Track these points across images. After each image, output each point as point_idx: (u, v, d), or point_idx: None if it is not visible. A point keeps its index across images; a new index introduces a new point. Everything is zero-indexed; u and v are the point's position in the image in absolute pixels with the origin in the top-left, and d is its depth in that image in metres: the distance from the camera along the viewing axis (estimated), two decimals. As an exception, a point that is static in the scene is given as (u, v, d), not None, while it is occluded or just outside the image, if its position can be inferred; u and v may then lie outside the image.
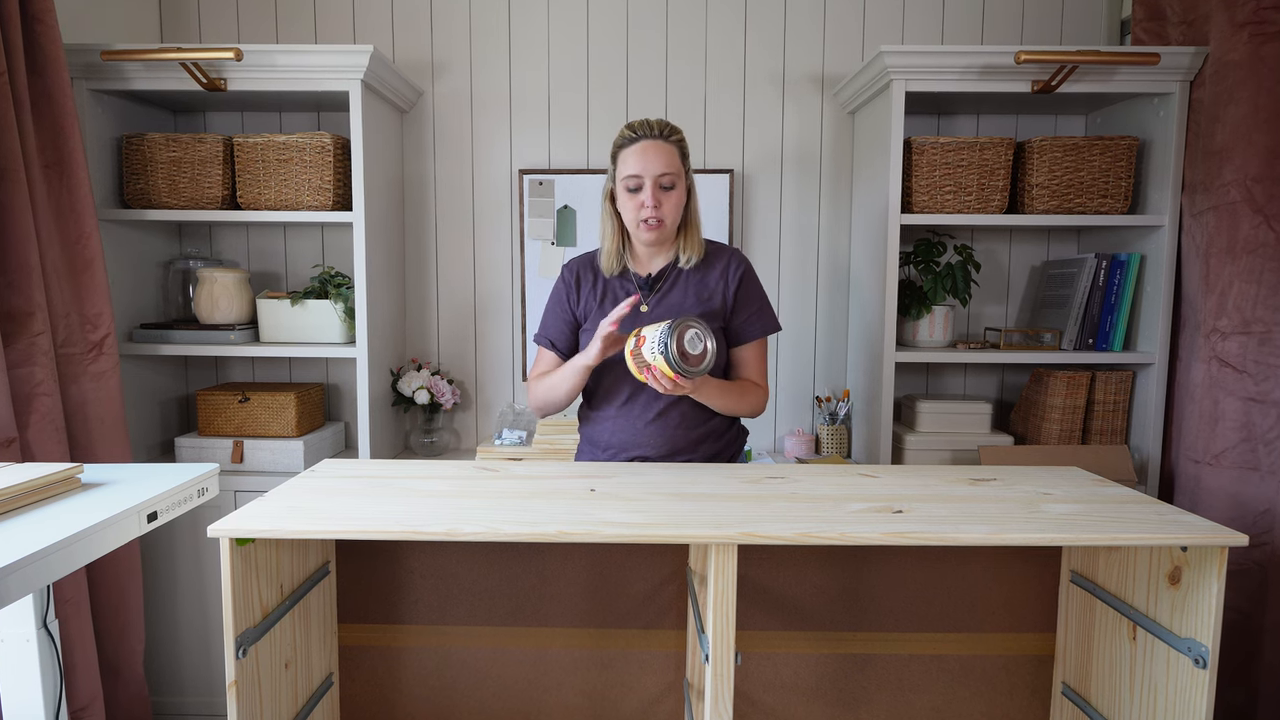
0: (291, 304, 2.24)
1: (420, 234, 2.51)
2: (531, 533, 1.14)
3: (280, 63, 2.05)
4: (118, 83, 2.09)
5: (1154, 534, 1.13)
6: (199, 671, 2.23)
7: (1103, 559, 1.39)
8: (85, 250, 1.91)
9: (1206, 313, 1.97)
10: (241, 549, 1.16)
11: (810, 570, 1.48)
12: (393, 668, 1.51)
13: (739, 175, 2.49)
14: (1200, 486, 1.96)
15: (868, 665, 1.50)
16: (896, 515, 1.21)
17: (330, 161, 2.15)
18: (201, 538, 2.18)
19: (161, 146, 2.15)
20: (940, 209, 2.16)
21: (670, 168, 1.54)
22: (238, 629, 1.14)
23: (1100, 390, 2.22)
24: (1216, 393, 1.93)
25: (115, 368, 1.98)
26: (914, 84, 2.08)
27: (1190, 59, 2.02)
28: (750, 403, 1.63)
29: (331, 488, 1.34)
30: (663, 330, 1.37)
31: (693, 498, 1.29)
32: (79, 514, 1.14)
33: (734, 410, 1.62)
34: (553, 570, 1.49)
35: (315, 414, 2.36)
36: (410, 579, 1.50)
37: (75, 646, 1.84)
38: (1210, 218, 1.96)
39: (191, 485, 1.34)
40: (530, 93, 2.47)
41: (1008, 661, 1.50)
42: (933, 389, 2.55)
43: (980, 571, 1.48)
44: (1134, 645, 1.31)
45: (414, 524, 1.14)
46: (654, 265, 1.65)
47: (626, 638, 1.50)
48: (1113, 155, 2.13)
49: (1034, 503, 1.28)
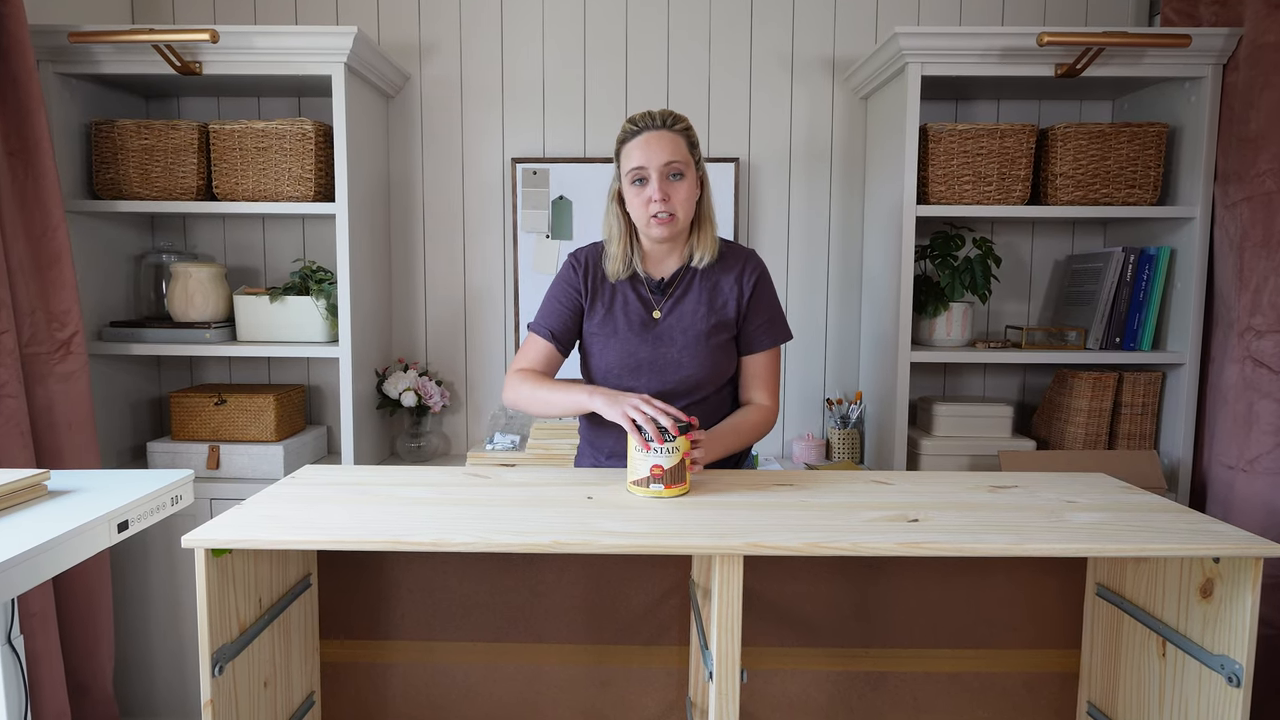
0: (270, 301, 2.24)
1: (407, 227, 2.52)
2: (525, 543, 1.14)
3: (258, 45, 2.05)
4: (86, 66, 2.10)
5: (1184, 544, 1.14)
6: (172, 690, 2.23)
7: (1130, 571, 1.39)
8: (52, 244, 1.91)
9: (1240, 310, 1.97)
10: (217, 560, 1.16)
11: (820, 583, 1.48)
12: (378, 686, 1.51)
13: (745, 165, 2.49)
14: (1234, 494, 1.96)
15: (881, 684, 1.50)
16: (912, 524, 1.21)
17: (312, 149, 2.15)
18: (175, 548, 2.18)
19: (133, 134, 2.15)
20: (958, 200, 2.16)
21: (677, 155, 1.53)
22: (214, 645, 1.14)
23: (1128, 392, 2.22)
24: (1251, 395, 1.93)
25: (84, 368, 1.98)
26: (930, 67, 2.08)
27: (1223, 41, 2.02)
28: (757, 433, 1.63)
29: (313, 495, 1.34)
30: (634, 449, 1.35)
31: (695, 506, 1.29)
32: (45, 523, 1.14)
33: (746, 445, 1.63)
34: (548, 583, 1.49)
35: (296, 417, 2.36)
36: (396, 592, 1.50)
37: (41, 663, 1.84)
38: (1244, 209, 1.96)
39: (165, 493, 1.34)
40: (524, 77, 2.47)
41: (1029, 679, 1.50)
42: (950, 391, 2.55)
43: (1001, 584, 1.48)
44: (1163, 662, 1.31)
45: (400, 534, 1.14)
46: (666, 266, 1.64)
47: (626, 654, 1.50)
48: (1141, 143, 2.13)
49: (1057, 511, 1.28)
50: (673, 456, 1.33)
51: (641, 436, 1.33)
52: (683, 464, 1.34)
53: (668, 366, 1.58)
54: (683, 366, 1.58)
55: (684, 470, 1.35)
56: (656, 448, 1.32)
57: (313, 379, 2.53)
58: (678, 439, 1.33)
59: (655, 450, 1.32)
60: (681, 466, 1.34)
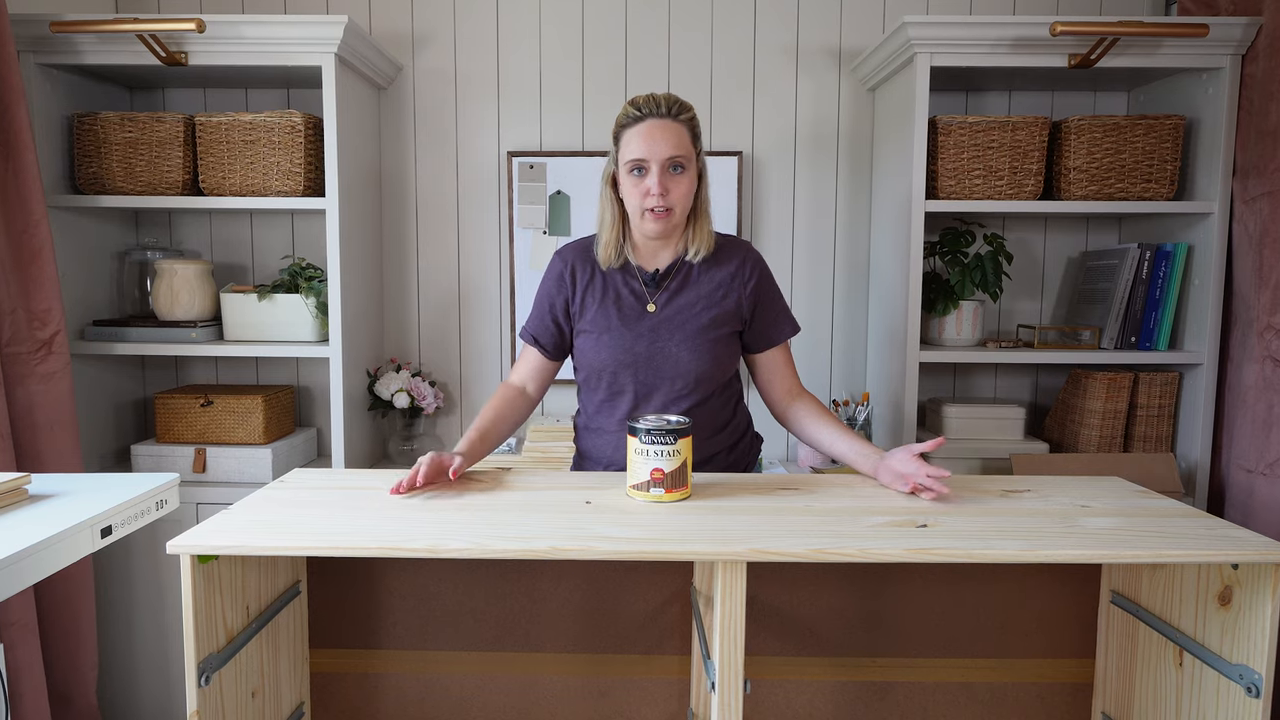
0: (258, 298, 2.24)
1: (399, 222, 2.52)
2: (521, 549, 1.13)
3: (246, 34, 2.05)
4: (68, 56, 2.09)
5: (1202, 550, 1.14)
6: (157, 700, 2.23)
7: (1146, 578, 1.39)
8: (33, 240, 1.91)
9: (1260, 308, 1.97)
10: (204, 567, 1.16)
11: (826, 590, 1.48)
12: (369, 697, 1.51)
13: (748, 158, 2.49)
14: (1253, 498, 1.96)
15: (889, 694, 1.50)
16: (920, 530, 1.21)
17: (301, 143, 2.15)
18: (160, 554, 2.18)
19: (116, 126, 2.15)
20: (969, 195, 2.16)
21: (680, 150, 1.51)
22: (200, 654, 1.14)
23: (1143, 393, 2.22)
24: (1271, 395, 1.93)
25: (66, 368, 1.98)
26: (940, 58, 2.08)
27: (1242, 31, 2.02)
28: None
29: (302, 500, 1.34)
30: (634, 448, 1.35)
31: (697, 511, 1.29)
32: (26, 528, 1.14)
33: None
34: (544, 590, 1.49)
35: (285, 419, 2.36)
36: (389, 600, 1.50)
37: (22, 673, 1.84)
38: (1264, 204, 1.96)
39: (149, 497, 1.34)
40: (520, 68, 2.47)
41: (1042, 690, 1.50)
42: (960, 392, 2.55)
43: (1012, 591, 1.48)
44: (1180, 672, 1.31)
45: (393, 540, 1.14)
46: (660, 259, 1.63)
47: (625, 664, 1.50)
48: (1157, 136, 2.13)
49: (1071, 516, 1.28)
50: (674, 460, 1.33)
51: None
52: (684, 468, 1.34)
53: (665, 361, 1.58)
54: (681, 361, 1.57)
55: (685, 474, 1.35)
56: (658, 450, 1.32)
57: (302, 379, 2.53)
58: (678, 442, 1.33)
59: (656, 453, 1.32)
60: (683, 470, 1.34)
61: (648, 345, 1.58)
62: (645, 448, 1.33)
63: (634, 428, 1.34)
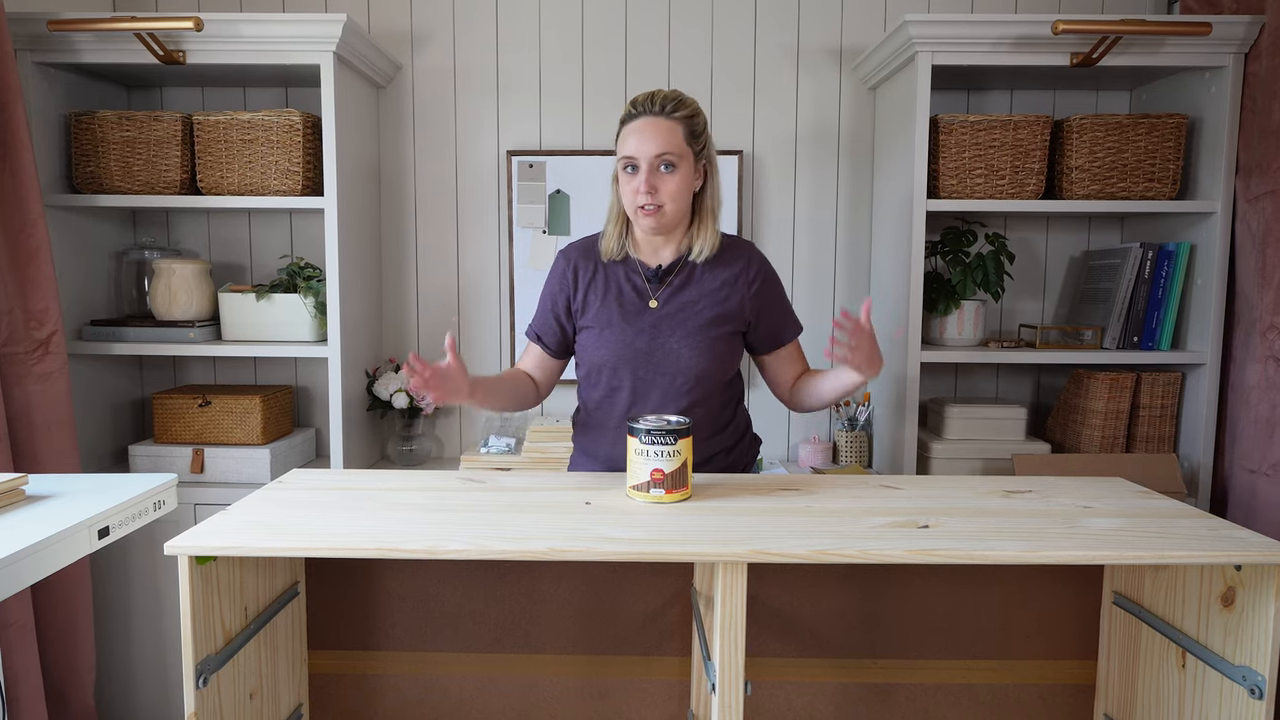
0: (257, 298, 2.24)
1: (398, 222, 2.52)
2: (521, 550, 1.14)
3: (244, 33, 2.05)
4: (66, 55, 2.10)
5: (1205, 551, 1.14)
6: (155, 702, 2.23)
7: (1148, 579, 1.39)
8: (30, 239, 1.91)
9: (1263, 308, 1.97)
10: (202, 568, 1.16)
11: (827, 591, 1.48)
12: (368, 698, 1.51)
13: (748, 157, 2.49)
14: (1256, 499, 1.96)
15: (890, 695, 1.50)
16: (922, 531, 1.21)
17: (299, 142, 2.15)
18: (158, 555, 2.18)
19: (114, 125, 2.15)
20: (970, 194, 2.17)
21: (669, 148, 1.52)
22: (198, 656, 1.14)
23: (1146, 393, 2.22)
24: (1274, 395, 1.93)
25: (63, 368, 1.98)
26: (941, 57, 2.08)
27: (1245, 29, 2.02)
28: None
29: (301, 500, 1.34)
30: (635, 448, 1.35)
31: (698, 511, 1.29)
32: (23, 529, 1.14)
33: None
34: (544, 591, 1.49)
35: (283, 419, 2.37)
36: (387, 601, 1.50)
37: (20, 675, 1.84)
38: (1267, 203, 1.96)
39: (147, 498, 1.35)
40: (520, 66, 2.47)
41: (1044, 691, 1.50)
42: (962, 392, 2.55)
43: (1014, 593, 1.48)
44: (1183, 674, 1.31)
45: (391, 541, 1.15)
46: (661, 255, 1.64)
47: (625, 665, 1.50)
48: (1160, 135, 2.13)
49: (1073, 517, 1.28)
50: (674, 460, 1.33)
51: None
52: (684, 468, 1.35)
53: (666, 358, 1.58)
54: (682, 358, 1.58)
55: (685, 475, 1.35)
56: (658, 450, 1.32)
57: (301, 380, 2.53)
58: (679, 442, 1.33)
59: (656, 453, 1.32)
60: (683, 471, 1.34)
61: (648, 340, 1.59)
62: (645, 448, 1.33)
63: (634, 428, 1.34)
